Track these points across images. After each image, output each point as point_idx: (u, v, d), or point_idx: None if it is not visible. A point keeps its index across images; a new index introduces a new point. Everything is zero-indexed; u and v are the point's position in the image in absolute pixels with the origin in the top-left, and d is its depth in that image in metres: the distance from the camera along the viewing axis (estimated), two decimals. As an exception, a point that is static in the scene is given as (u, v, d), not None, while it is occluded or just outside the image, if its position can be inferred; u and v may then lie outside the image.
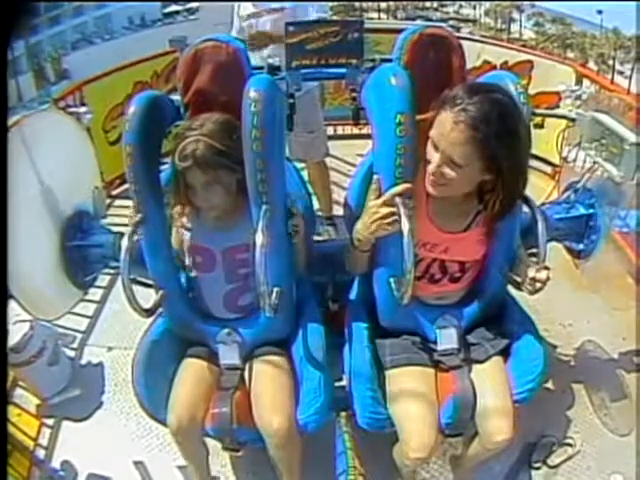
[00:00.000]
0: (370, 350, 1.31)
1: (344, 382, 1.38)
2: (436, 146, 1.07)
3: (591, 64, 25.86)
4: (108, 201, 2.48)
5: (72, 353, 2.08)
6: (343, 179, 2.76)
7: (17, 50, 20.27)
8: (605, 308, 2.06)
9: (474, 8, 34.50)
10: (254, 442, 1.27)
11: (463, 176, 1.07)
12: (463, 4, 35.20)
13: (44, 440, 1.75)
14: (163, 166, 1.28)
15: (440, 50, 1.31)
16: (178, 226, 1.31)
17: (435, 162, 1.07)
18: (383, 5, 34.20)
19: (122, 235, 1.23)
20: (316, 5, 2.12)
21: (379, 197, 1.12)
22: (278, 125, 1.19)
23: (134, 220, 1.22)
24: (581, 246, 1.74)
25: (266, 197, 1.18)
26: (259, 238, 1.07)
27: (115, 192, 3.05)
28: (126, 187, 1.29)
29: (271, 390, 1.26)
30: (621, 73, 26.39)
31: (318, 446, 1.38)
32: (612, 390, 1.80)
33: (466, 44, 1.39)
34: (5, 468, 1.28)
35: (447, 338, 1.29)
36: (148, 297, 1.27)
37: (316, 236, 1.94)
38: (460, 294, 1.34)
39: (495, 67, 3.24)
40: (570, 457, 1.61)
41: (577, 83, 2.88)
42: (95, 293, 2.25)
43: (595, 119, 1.66)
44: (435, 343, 1.30)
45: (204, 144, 1.13)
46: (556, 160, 2.67)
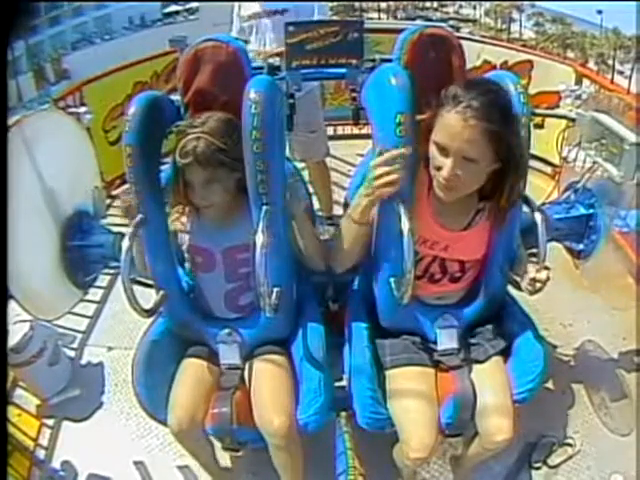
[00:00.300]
0: (370, 350, 1.31)
1: (344, 382, 1.37)
2: (445, 150, 1.05)
3: (591, 64, 25.88)
4: (108, 201, 2.47)
5: (72, 353, 2.08)
6: (343, 179, 2.75)
7: (17, 50, 20.26)
8: (605, 308, 2.05)
9: (474, 8, 34.56)
10: (254, 442, 1.26)
11: (477, 172, 1.07)
12: (463, 4, 35.26)
13: (44, 440, 1.75)
14: (163, 166, 1.28)
15: (440, 50, 1.32)
16: (178, 226, 1.31)
17: (448, 166, 1.05)
18: (383, 5, 34.25)
19: (122, 235, 1.23)
20: (317, 6, 2.12)
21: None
22: (278, 126, 1.19)
23: (134, 220, 1.21)
24: (581, 246, 1.74)
25: (266, 198, 1.18)
26: (259, 239, 1.07)
27: (115, 192, 3.05)
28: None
29: (271, 390, 1.25)
30: (621, 73, 26.40)
31: (318, 446, 1.38)
32: (612, 390, 1.80)
33: (466, 44, 1.39)
34: (5, 468, 1.28)
35: (447, 338, 1.29)
36: (148, 297, 1.27)
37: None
38: (460, 294, 1.34)
39: (495, 67, 3.24)
40: (570, 457, 1.61)
41: (577, 83, 2.88)
42: (95, 293, 2.25)
43: (595, 119, 1.66)
44: (435, 343, 1.30)
45: (205, 141, 1.13)
46: (556, 160, 2.67)
